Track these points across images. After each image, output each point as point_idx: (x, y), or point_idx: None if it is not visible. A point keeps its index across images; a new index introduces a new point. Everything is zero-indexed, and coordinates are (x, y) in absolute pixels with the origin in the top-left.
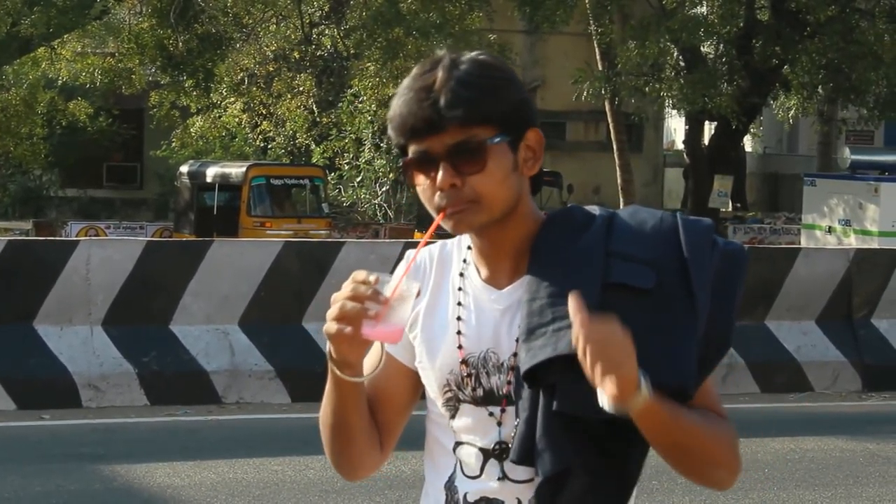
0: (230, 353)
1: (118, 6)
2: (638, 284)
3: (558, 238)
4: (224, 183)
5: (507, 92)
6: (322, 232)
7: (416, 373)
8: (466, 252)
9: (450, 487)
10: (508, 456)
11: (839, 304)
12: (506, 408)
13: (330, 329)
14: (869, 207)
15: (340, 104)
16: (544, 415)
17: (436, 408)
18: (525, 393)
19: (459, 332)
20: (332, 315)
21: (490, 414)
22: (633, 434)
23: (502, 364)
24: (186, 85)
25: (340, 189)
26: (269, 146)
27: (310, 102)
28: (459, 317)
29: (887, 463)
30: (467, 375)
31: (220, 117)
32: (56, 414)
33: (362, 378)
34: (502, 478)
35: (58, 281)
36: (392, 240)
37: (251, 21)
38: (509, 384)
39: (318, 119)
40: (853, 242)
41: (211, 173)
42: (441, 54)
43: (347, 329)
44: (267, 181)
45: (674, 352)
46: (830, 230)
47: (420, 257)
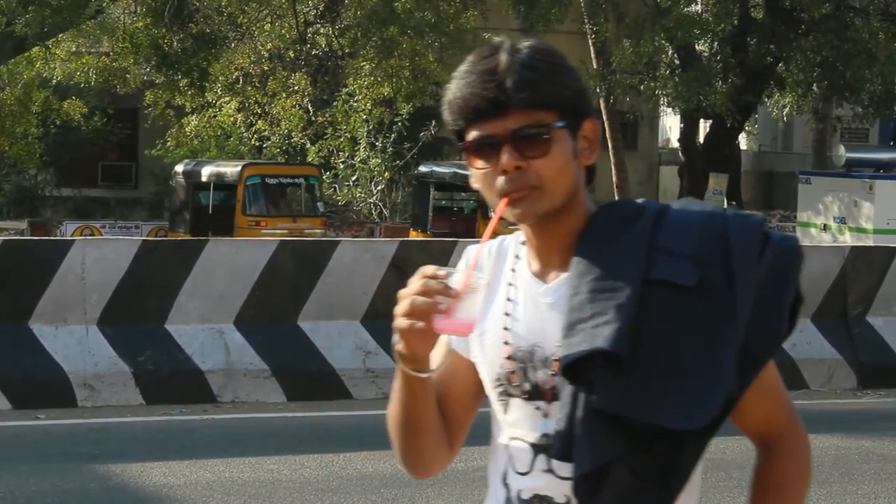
0: (225, 353)
1: (113, 5)
2: (680, 281)
3: (604, 232)
4: (219, 182)
5: (569, 78)
6: (317, 231)
7: (468, 364)
8: (519, 247)
9: (505, 484)
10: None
11: (834, 302)
12: (551, 402)
13: (401, 324)
14: (864, 205)
15: (335, 103)
16: (584, 411)
17: (492, 403)
18: (566, 388)
19: (506, 328)
20: (403, 311)
21: (537, 408)
22: (685, 437)
23: (547, 358)
24: (181, 84)
25: (336, 188)
26: (265, 145)
27: (305, 101)
28: (507, 312)
29: (883, 460)
30: (514, 370)
31: (215, 116)
32: (51, 413)
33: (431, 372)
34: (550, 473)
35: (53, 280)
36: (387, 238)
37: (246, 20)
38: (553, 377)
39: (314, 118)
40: (848, 240)
41: (206, 172)
42: (500, 40)
43: (419, 324)
44: (262, 180)
45: (706, 373)
46: (825, 228)
47: (475, 253)
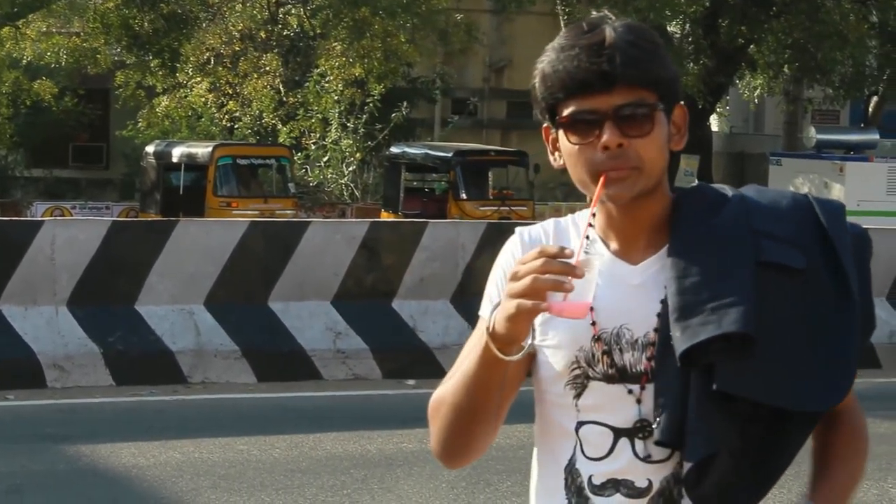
0: (196, 333)
1: None
2: (792, 264)
3: (698, 215)
4: (190, 163)
5: (668, 61)
6: (288, 212)
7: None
8: (590, 229)
9: (570, 471)
10: (648, 434)
11: None
12: (645, 385)
13: (523, 306)
14: (834, 186)
15: (307, 84)
16: (698, 396)
17: (555, 387)
18: (672, 372)
19: (591, 308)
20: (521, 290)
21: (629, 392)
22: (794, 423)
23: (637, 340)
24: (152, 65)
25: (307, 169)
26: (236, 126)
27: (276, 82)
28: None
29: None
30: (602, 352)
31: (186, 97)
32: (21, 394)
33: (519, 355)
34: (635, 457)
35: (22, 261)
36: (359, 219)
37: (217, 1)
38: (649, 361)
39: (285, 99)
40: None
41: (177, 153)
42: (598, 16)
43: (542, 304)
44: (233, 161)
45: (836, 359)
46: None
47: (535, 233)
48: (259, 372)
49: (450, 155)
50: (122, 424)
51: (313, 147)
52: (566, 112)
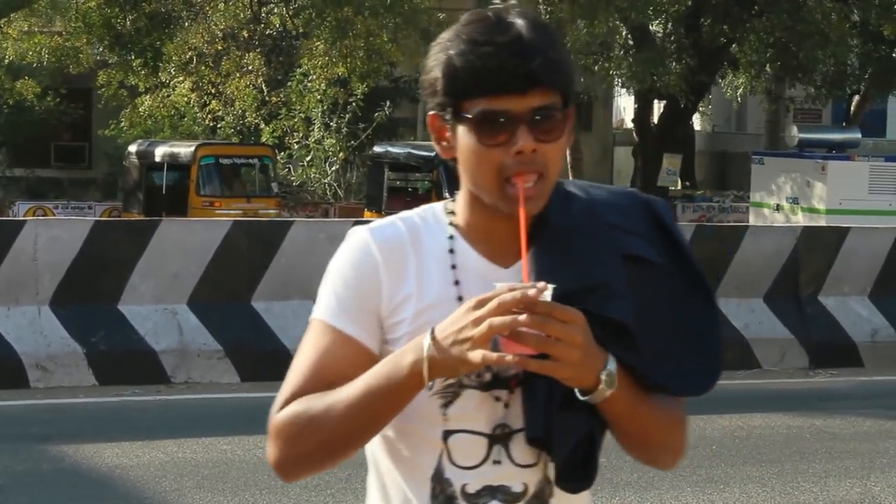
0: (179, 333)
1: None
2: (649, 256)
3: (555, 209)
4: (173, 162)
5: (570, 61)
6: (271, 211)
7: (377, 358)
8: (448, 227)
9: (439, 480)
10: (511, 439)
11: (787, 282)
12: (514, 389)
13: (488, 358)
14: (816, 185)
15: (290, 83)
16: (564, 390)
17: (417, 397)
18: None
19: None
20: (482, 337)
21: (497, 398)
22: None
23: None
24: (134, 64)
25: (290, 168)
26: (219, 125)
27: (259, 81)
28: (461, 297)
29: (833, 439)
30: None
31: (169, 96)
32: (3, 394)
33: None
34: (511, 462)
35: (4, 261)
36: (342, 219)
37: (199, 0)
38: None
39: (268, 98)
40: (801, 220)
41: (160, 153)
42: (502, 7)
43: (509, 358)
44: (216, 160)
45: (705, 347)
46: (778, 208)
47: (389, 233)
48: (242, 371)
49: (433, 154)
50: (106, 424)
51: (296, 146)
52: (476, 110)
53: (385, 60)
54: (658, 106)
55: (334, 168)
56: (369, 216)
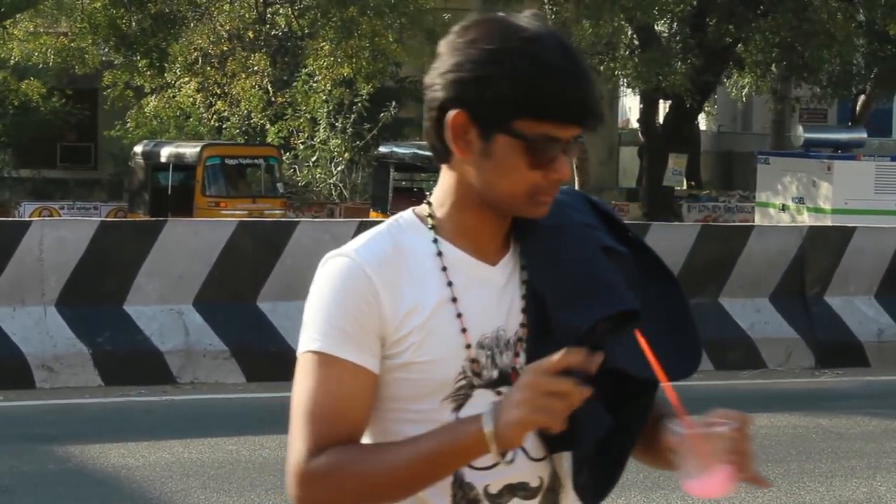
0: (184, 333)
1: None
2: (618, 248)
3: None
4: (178, 163)
5: None
6: (277, 212)
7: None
8: (429, 231)
9: (460, 486)
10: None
11: (792, 282)
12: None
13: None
14: (822, 185)
15: (295, 84)
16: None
17: (425, 404)
18: None
19: (460, 315)
20: (559, 409)
21: (499, 394)
22: (644, 399)
23: (509, 340)
24: (140, 65)
25: (295, 169)
26: (224, 126)
27: (264, 82)
28: (454, 297)
29: (840, 438)
30: (487, 358)
31: (175, 97)
32: (9, 395)
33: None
34: (528, 458)
35: (10, 261)
36: (347, 219)
37: (205, 0)
38: (517, 357)
39: (273, 99)
40: (806, 220)
41: (165, 153)
42: (550, 30)
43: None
44: (221, 161)
45: (683, 329)
46: (784, 208)
47: (378, 252)
48: (248, 372)
49: None
50: (112, 425)
51: (302, 147)
52: (537, 133)
53: (390, 61)
54: (663, 106)
55: (339, 168)
56: (375, 216)
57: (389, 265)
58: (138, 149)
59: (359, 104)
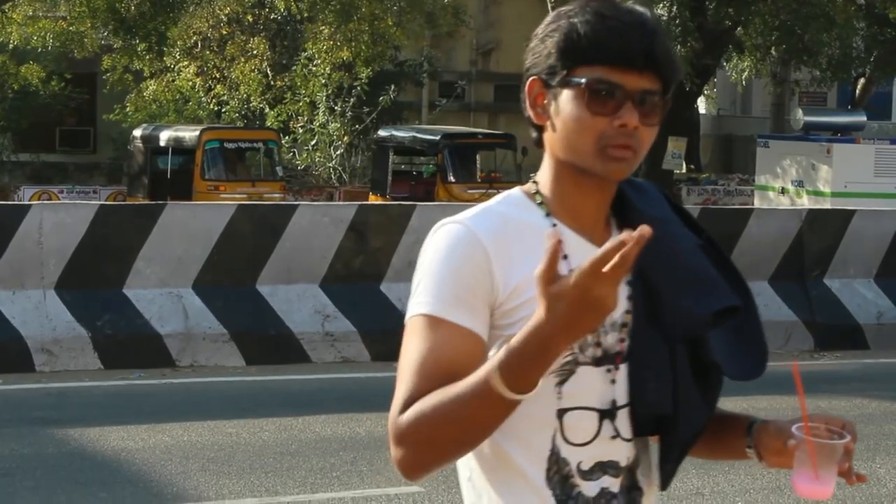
0: (184, 316)
1: None
2: (708, 248)
3: (639, 199)
4: (177, 146)
5: None
6: (276, 195)
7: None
8: (541, 207)
9: (556, 460)
10: (624, 414)
11: (792, 265)
12: (619, 365)
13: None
14: (821, 168)
15: (294, 67)
16: (682, 371)
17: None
18: (646, 350)
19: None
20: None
21: (608, 371)
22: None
23: (615, 321)
24: (139, 49)
25: (295, 152)
26: (223, 110)
27: (264, 66)
28: (572, 270)
29: None
30: (591, 337)
31: (174, 81)
32: (9, 378)
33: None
34: (616, 438)
35: (10, 245)
36: (347, 202)
37: None
38: (622, 341)
39: (272, 82)
40: (806, 203)
41: (164, 137)
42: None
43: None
44: (221, 145)
45: (751, 333)
46: (783, 191)
47: (493, 224)
48: (247, 355)
49: (437, 138)
50: (111, 408)
51: (301, 130)
52: (592, 77)
53: (390, 44)
54: None
55: (339, 152)
56: (374, 200)
57: (502, 236)
58: (137, 133)
59: (358, 88)
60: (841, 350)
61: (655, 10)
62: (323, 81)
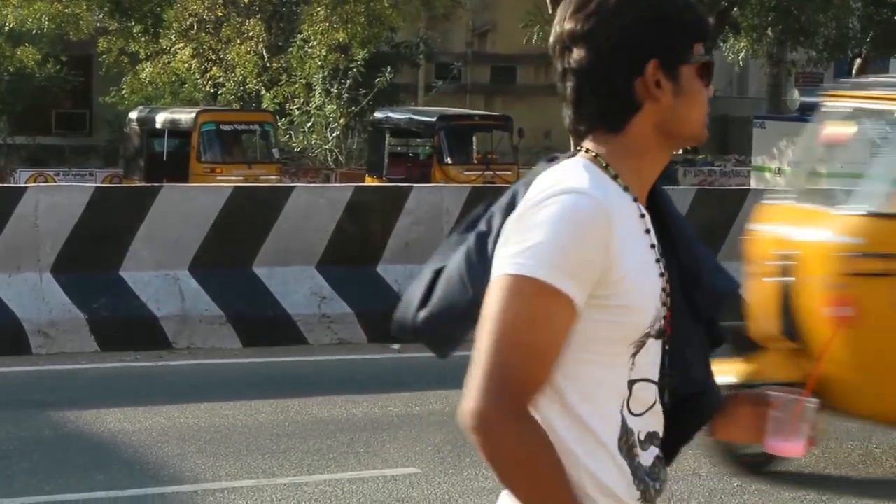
0: (180, 299)
1: None
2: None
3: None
4: (174, 129)
5: None
6: (272, 177)
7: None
8: (628, 192)
9: (625, 430)
10: (665, 386)
11: None
12: (665, 337)
13: None
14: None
15: (290, 49)
16: (704, 346)
17: (616, 347)
18: (681, 325)
19: (662, 273)
20: None
21: (664, 344)
22: None
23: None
24: (135, 31)
25: (291, 134)
26: (219, 92)
27: (259, 47)
28: (658, 259)
29: None
30: (661, 308)
31: (170, 63)
32: (6, 361)
33: None
34: (660, 409)
35: (6, 227)
36: (343, 184)
37: None
38: (665, 317)
39: (268, 64)
40: None
41: (160, 119)
42: None
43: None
44: (217, 127)
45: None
46: (780, 171)
47: (613, 203)
48: (244, 337)
49: (434, 119)
50: (108, 390)
51: (297, 112)
52: (701, 53)
53: (386, 26)
54: None
55: (335, 134)
56: (370, 181)
57: (619, 211)
58: (133, 115)
59: (354, 69)
60: None
61: None
62: (319, 63)
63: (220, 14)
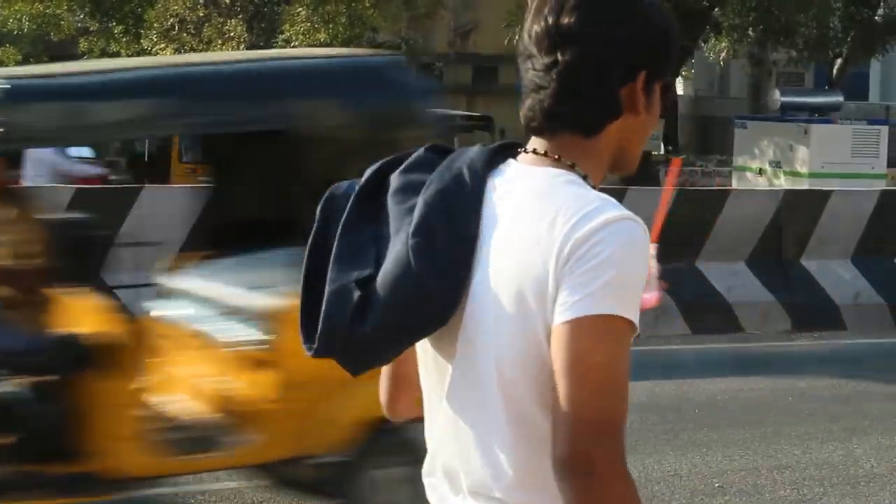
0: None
1: None
2: None
3: None
4: None
5: None
6: None
7: None
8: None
9: None
10: None
11: (769, 245)
12: None
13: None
14: (799, 149)
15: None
16: None
17: None
18: None
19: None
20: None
21: None
22: None
23: None
24: (116, 31)
25: None
26: None
27: (241, 48)
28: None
29: (816, 400)
30: None
31: None
32: None
33: None
34: None
35: None
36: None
37: None
38: None
39: None
40: (783, 184)
41: None
42: None
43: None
44: None
45: None
46: (761, 172)
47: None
48: None
49: None
50: None
51: None
52: (668, 78)
53: (367, 26)
54: None
55: None
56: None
57: None
58: None
59: None
60: (818, 330)
61: None
62: None
63: (202, 14)
